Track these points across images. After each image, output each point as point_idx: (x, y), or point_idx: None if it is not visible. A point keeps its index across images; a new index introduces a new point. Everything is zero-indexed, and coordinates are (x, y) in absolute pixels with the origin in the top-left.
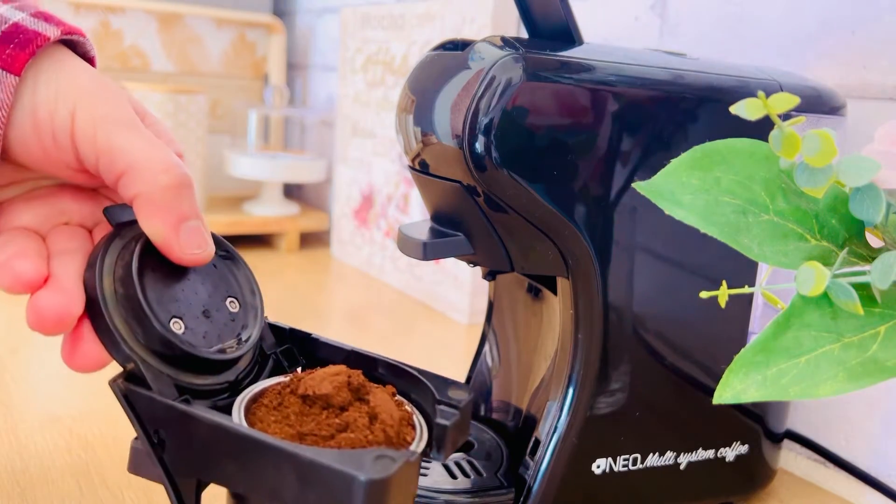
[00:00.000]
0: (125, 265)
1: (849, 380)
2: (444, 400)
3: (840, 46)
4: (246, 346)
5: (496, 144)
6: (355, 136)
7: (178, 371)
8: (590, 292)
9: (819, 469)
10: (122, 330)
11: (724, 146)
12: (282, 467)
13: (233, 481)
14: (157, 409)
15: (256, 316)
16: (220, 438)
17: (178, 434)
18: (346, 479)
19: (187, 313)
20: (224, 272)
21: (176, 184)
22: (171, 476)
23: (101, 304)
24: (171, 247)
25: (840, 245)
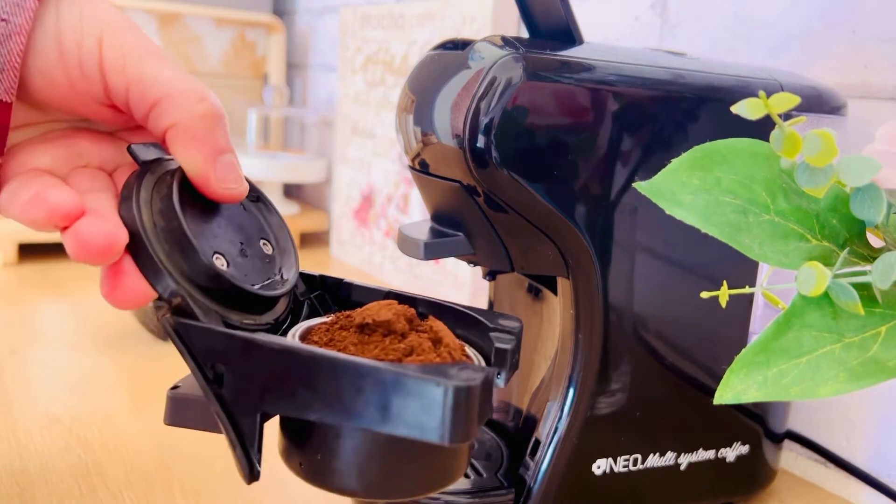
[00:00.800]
0: (164, 197)
1: (849, 380)
2: (498, 327)
3: (841, 46)
4: (288, 283)
5: (496, 144)
6: (355, 136)
7: (224, 307)
8: (590, 292)
9: (819, 469)
10: (167, 263)
11: (725, 146)
12: (362, 386)
13: (305, 409)
14: (216, 341)
15: (291, 257)
16: (290, 364)
17: (240, 366)
18: (434, 389)
19: (229, 250)
20: (255, 215)
21: (212, 113)
22: (231, 414)
23: (144, 236)
24: (207, 179)
25: (841, 245)
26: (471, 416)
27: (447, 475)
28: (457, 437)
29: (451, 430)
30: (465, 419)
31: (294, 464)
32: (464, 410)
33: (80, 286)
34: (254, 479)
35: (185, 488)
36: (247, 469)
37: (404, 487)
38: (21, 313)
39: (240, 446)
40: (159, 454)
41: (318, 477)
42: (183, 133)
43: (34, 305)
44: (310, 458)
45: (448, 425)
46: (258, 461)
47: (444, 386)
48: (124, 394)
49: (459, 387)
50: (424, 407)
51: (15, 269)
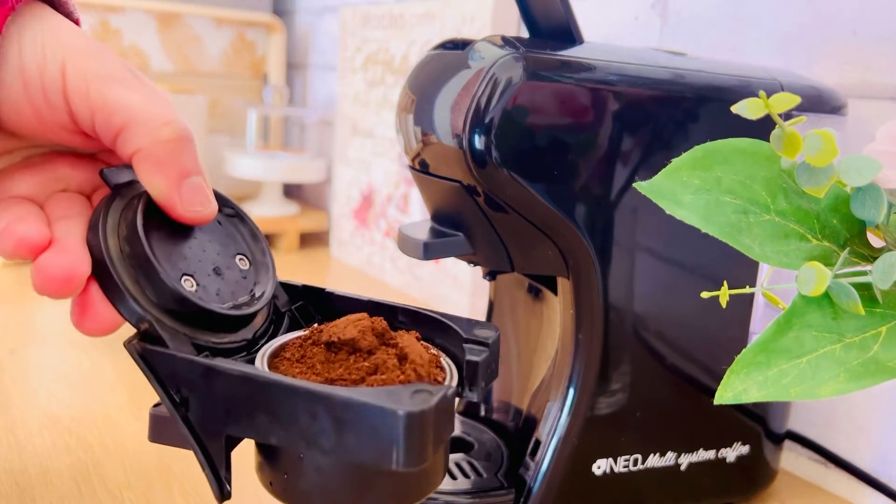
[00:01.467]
0: (129, 223)
1: (850, 380)
2: (472, 338)
3: (841, 46)
4: (261, 301)
5: (496, 144)
6: (355, 136)
7: (193, 330)
8: (590, 292)
9: (820, 470)
10: (133, 289)
11: (726, 146)
12: (316, 412)
13: (264, 433)
14: (178, 367)
15: (268, 272)
16: (248, 389)
17: (202, 390)
18: (384, 415)
19: (198, 271)
20: (231, 230)
21: (177, 137)
22: (198, 436)
23: (109, 263)
24: (173, 204)
25: (841, 245)
26: (424, 440)
27: (419, 489)
28: (411, 463)
29: (404, 456)
30: (419, 444)
31: (265, 481)
32: (417, 436)
33: None
34: (224, 498)
35: (185, 488)
36: (217, 489)
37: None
38: (20, 313)
39: (208, 467)
40: (159, 454)
41: (287, 496)
42: (147, 158)
43: (33, 305)
44: (278, 477)
45: (401, 451)
46: (228, 481)
47: (393, 412)
48: (124, 394)
49: (411, 413)
50: (377, 433)
51: (14, 268)
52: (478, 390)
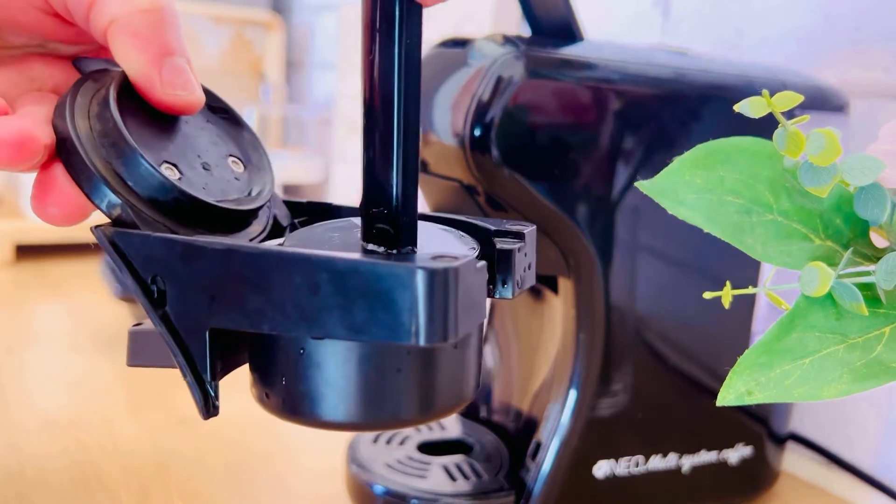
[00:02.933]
0: (102, 100)
1: (853, 381)
2: (505, 230)
3: (844, 44)
4: (258, 199)
5: (497, 143)
6: (354, 135)
7: (175, 224)
8: (592, 292)
9: (823, 471)
10: (103, 169)
11: (728, 144)
12: (318, 283)
13: (256, 320)
14: (154, 249)
15: (265, 177)
16: (236, 266)
17: (181, 275)
18: (400, 277)
19: (181, 161)
20: (222, 132)
21: (157, 7)
22: (178, 335)
23: (76, 140)
24: (151, 84)
25: (844, 245)
26: (449, 308)
27: (446, 392)
28: (434, 336)
29: (426, 326)
30: (442, 312)
31: (261, 395)
32: (440, 300)
33: (77, 287)
34: (210, 413)
35: (183, 490)
36: (200, 401)
37: (392, 412)
38: (18, 314)
39: (190, 373)
40: (157, 456)
41: (287, 407)
42: (123, 30)
43: (31, 306)
44: (274, 384)
45: (422, 320)
46: (214, 392)
47: (411, 271)
48: (121, 395)
49: (432, 270)
50: (391, 300)
51: (12, 269)
52: (512, 285)
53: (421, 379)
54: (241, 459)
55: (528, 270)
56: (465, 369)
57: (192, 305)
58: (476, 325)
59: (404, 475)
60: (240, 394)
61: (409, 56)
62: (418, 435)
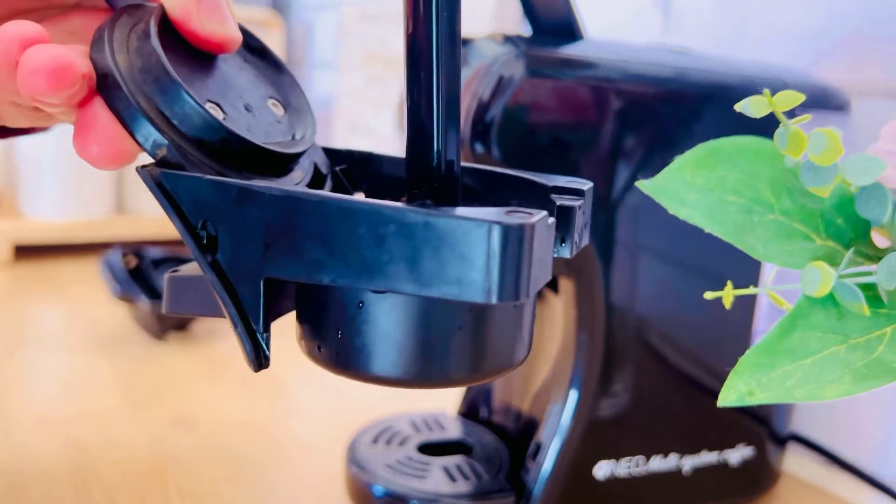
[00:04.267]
0: (142, 34)
1: (855, 382)
2: (562, 186)
3: (846, 43)
4: (303, 142)
5: (497, 142)
6: (354, 134)
7: (221, 165)
8: (592, 292)
9: (824, 472)
10: (146, 107)
11: (729, 144)
12: (384, 235)
13: (315, 270)
14: (205, 193)
15: (306, 118)
16: (295, 214)
17: (235, 221)
18: (476, 231)
19: (224, 101)
20: (260, 73)
21: None
22: (230, 283)
23: (118, 75)
24: (188, 16)
25: (846, 245)
26: (523, 265)
27: (505, 353)
28: (507, 293)
29: (499, 282)
30: (516, 269)
31: (312, 348)
32: (515, 258)
33: (76, 287)
34: (261, 366)
35: (182, 490)
36: (252, 352)
37: (450, 368)
38: (16, 314)
39: (241, 323)
40: (155, 456)
41: (341, 361)
42: None
43: (30, 306)
44: (328, 337)
45: (495, 277)
46: (266, 344)
47: (487, 226)
48: (120, 395)
49: (509, 225)
50: (463, 255)
51: (11, 269)
52: (570, 244)
53: (481, 337)
54: (240, 459)
55: (584, 229)
56: (522, 330)
57: (245, 253)
58: (544, 283)
59: (404, 476)
60: (238, 395)
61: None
62: (418, 435)
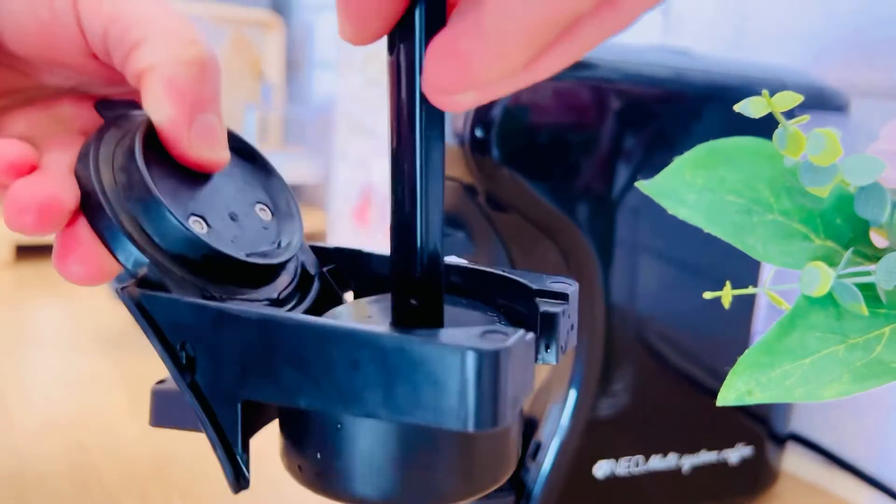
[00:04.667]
0: (126, 150)
1: (854, 381)
2: (547, 289)
3: (845, 44)
4: (288, 250)
5: (497, 142)
6: (354, 135)
7: (204, 281)
8: (592, 293)
9: (823, 472)
10: (129, 226)
11: (729, 145)
12: (359, 359)
13: (292, 394)
14: (184, 314)
15: (294, 223)
16: (271, 337)
17: (213, 343)
18: (450, 357)
19: (209, 213)
20: (249, 177)
21: (201, 61)
22: (208, 405)
23: (100, 193)
24: (179, 138)
25: (845, 245)
26: (500, 391)
27: (491, 469)
28: (484, 422)
29: (475, 411)
30: (493, 396)
31: (293, 467)
32: (491, 384)
33: (77, 287)
34: (241, 487)
35: (183, 492)
36: (231, 476)
37: (432, 491)
38: (18, 314)
39: (220, 445)
40: (157, 457)
41: (321, 482)
42: (160, 78)
43: (31, 307)
44: (309, 457)
45: (471, 405)
46: (245, 464)
47: (463, 351)
48: (122, 396)
49: (485, 352)
50: (438, 382)
51: (12, 269)
52: (556, 349)
53: (464, 458)
54: None
55: (571, 331)
56: (507, 443)
57: (223, 375)
58: (525, 399)
59: None
60: None
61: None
62: None
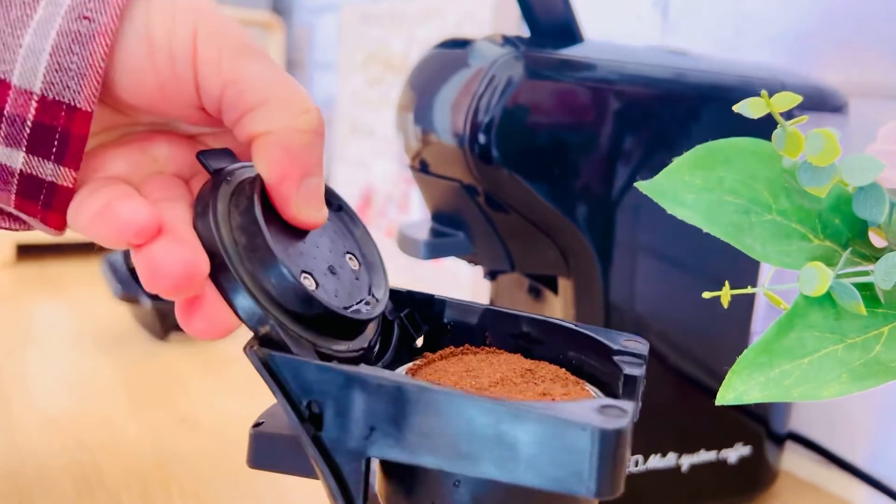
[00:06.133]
0: (244, 211)
1: (852, 381)
2: (624, 349)
3: (843, 44)
4: (381, 304)
5: (497, 143)
6: (354, 135)
7: (315, 335)
8: (591, 292)
9: (822, 471)
10: (251, 285)
11: (727, 145)
12: (480, 429)
13: (418, 454)
14: (312, 376)
15: (380, 273)
16: (400, 402)
17: (342, 403)
18: (576, 431)
19: (315, 269)
20: (338, 226)
21: (314, 129)
22: (332, 460)
23: (224, 255)
24: (288, 201)
25: (843, 245)
26: (621, 463)
27: None
28: (606, 490)
29: (598, 481)
30: (614, 468)
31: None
32: (613, 457)
33: (78, 286)
34: None
35: (184, 490)
36: None
37: None
38: (19, 313)
39: (342, 498)
40: (157, 455)
41: None
42: (275, 145)
43: (32, 305)
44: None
45: (595, 476)
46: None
47: (589, 427)
48: (122, 395)
49: (608, 430)
50: (563, 454)
51: (13, 268)
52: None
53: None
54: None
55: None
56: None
57: (350, 434)
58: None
59: None
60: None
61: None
62: None
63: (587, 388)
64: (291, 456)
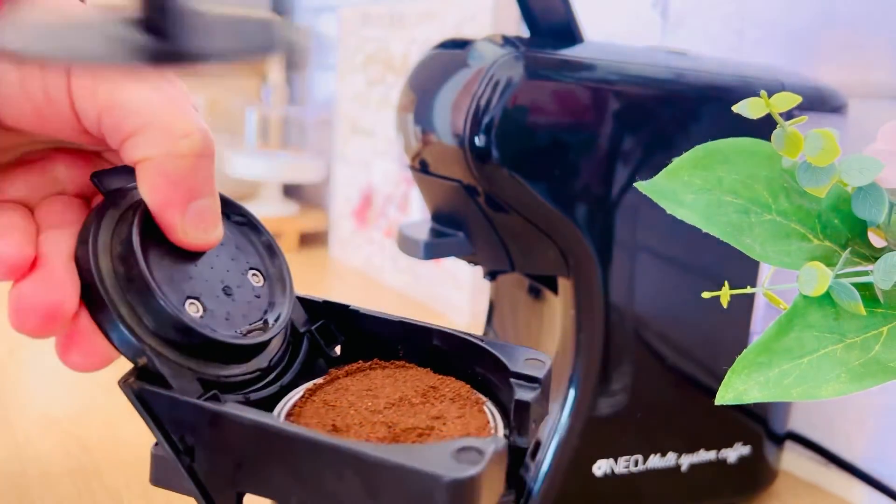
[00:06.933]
0: (124, 241)
1: (851, 381)
2: (521, 372)
3: (842, 45)
4: (276, 326)
5: (497, 143)
6: (355, 135)
7: (200, 362)
8: (591, 292)
9: (821, 470)
10: (128, 317)
11: (727, 145)
12: (343, 472)
13: (282, 494)
14: (182, 411)
15: (285, 289)
16: (263, 442)
17: (209, 440)
18: (425, 481)
19: (204, 292)
20: (242, 241)
21: (196, 153)
22: (205, 489)
23: (100, 287)
24: (173, 227)
25: (842, 245)
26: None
27: None
28: None
29: None
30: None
31: None
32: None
33: None
34: None
35: None
36: None
37: None
38: None
39: None
40: None
41: None
42: (154, 170)
43: None
44: None
45: None
46: None
47: (436, 477)
48: (123, 395)
49: (457, 481)
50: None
51: None
52: (528, 435)
53: None
54: None
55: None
56: None
57: (219, 468)
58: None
59: None
60: None
61: None
62: None
63: (485, 410)
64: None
